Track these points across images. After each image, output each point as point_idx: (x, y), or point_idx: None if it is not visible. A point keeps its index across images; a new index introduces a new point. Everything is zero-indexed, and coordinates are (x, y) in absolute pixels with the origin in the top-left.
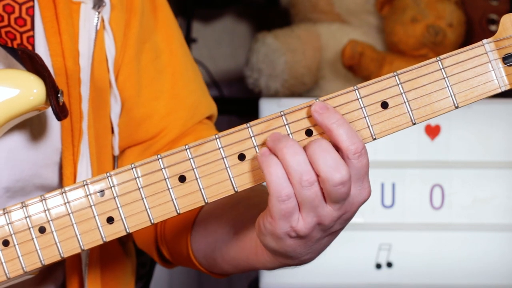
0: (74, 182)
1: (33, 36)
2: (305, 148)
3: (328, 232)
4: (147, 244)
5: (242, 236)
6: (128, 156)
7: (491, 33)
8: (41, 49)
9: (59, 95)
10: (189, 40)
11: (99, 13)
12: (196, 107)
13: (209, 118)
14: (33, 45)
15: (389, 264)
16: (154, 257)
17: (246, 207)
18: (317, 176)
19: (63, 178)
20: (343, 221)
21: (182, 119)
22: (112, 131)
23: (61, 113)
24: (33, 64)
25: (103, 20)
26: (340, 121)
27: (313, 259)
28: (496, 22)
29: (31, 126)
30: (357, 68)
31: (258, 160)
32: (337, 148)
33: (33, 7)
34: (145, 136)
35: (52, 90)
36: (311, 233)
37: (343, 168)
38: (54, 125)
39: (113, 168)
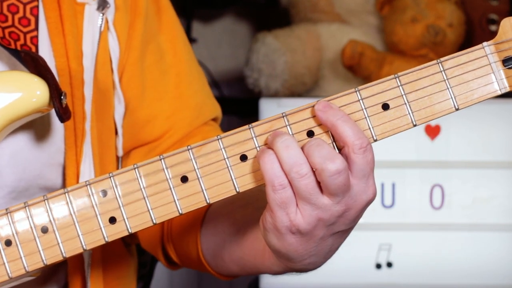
0: (77, 182)
1: (36, 37)
2: (302, 147)
3: (331, 231)
4: (153, 244)
5: (251, 237)
6: (133, 157)
7: (491, 33)
8: (45, 49)
9: (62, 97)
10: (189, 40)
11: (103, 14)
12: (201, 107)
13: (214, 120)
14: (36, 46)
15: (389, 264)
16: (159, 258)
17: (255, 209)
18: (314, 170)
19: (66, 178)
20: (347, 220)
21: (187, 119)
22: (116, 132)
23: (64, 115)
24: (36, 66)
25: (107, 21)
26: (344, 117)
27: (318, 264)
28: (496, 22)
29: (35, 127)
30: (357, 68)
31: (257, 156)
32: (342, 145)
33: (37, 6)
34: (150, 137)
35: (55, 92)
36: (312, 229)
37: (338, 158)
38: (57, 126)
39: (117, 169)
